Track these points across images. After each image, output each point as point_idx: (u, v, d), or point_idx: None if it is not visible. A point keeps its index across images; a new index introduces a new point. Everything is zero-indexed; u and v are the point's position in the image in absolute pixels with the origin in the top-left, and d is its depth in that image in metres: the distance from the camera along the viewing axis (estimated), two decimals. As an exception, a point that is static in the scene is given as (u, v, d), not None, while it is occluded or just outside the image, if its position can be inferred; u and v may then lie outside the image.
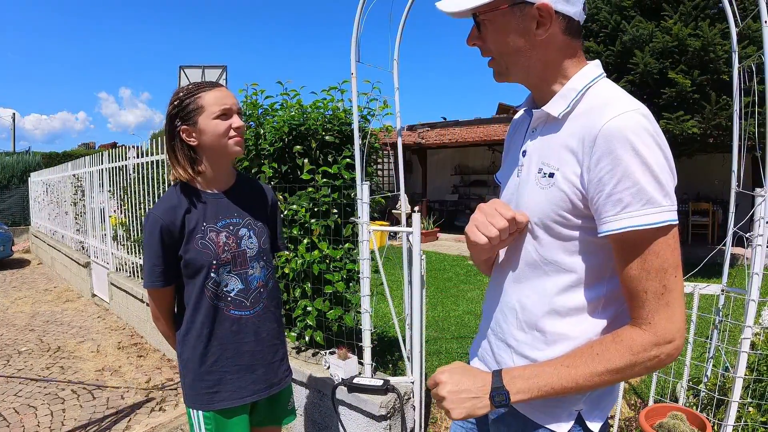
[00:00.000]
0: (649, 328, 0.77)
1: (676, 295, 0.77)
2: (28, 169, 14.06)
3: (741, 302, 2.01)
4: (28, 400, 3.26)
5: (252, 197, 1.52)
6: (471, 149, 13.06)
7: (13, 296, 6.48)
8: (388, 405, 2.20)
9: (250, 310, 1.45)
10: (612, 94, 0.83)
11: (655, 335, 0.76)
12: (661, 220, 0.75)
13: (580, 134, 0.81)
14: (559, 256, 0.86)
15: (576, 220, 0.83)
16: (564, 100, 0.85)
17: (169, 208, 1.36)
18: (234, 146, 1.38)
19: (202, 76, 5.73)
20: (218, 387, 1.42)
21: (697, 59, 5.84)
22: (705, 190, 10.40)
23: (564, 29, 0.85)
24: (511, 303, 0.94)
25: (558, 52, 0.86)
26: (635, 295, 0.78)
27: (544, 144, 0.89)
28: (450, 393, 0.83)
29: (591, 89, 0.85)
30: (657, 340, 0.76)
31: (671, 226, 0.76)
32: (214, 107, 1.33)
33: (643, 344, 0.77)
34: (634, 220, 0.75)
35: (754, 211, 1.85)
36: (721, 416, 2.01)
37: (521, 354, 0.92)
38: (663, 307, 0.76)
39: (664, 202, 0.75)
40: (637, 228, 0.75)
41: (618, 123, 0.76)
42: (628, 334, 0.78)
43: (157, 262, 1.36)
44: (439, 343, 4.14)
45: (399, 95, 2.50)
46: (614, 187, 0.76)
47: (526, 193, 0.90)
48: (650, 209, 0.74)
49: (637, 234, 0.76)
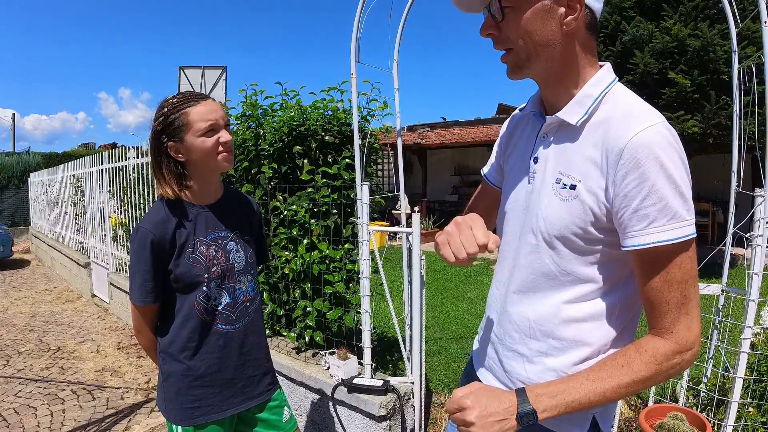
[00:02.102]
0: (671, 337, 0.78)
1: (695, 304, 0.79)
2: (28, 169, 14.04)
3: (741, 302, 2.01)
4: (27, 400, 3.26)
5: (239, 210, 1.51)
6: (471, 150, 13.05)
7: (13, 296, 6.48)
8: (387, 405, 2.19)
9: (236, 324, 1.43)
10: (632, 102, 0.82)
11: (677, 344, 0.78)
12: (684, 234, 0.76)
13: (604, 146, 0.79)
14: (577, 267, 0.86)
15: (598, 234, 0.82)
16: (581, 107, 0.83)
17: (159, 222, 1.33)
18: (223, 162, 1.36)
19: (202, 76, 5.73)
20: (201, 402, 1.40)
21: (696, 59, 5.84)
22: (705, 190, 10.39)
23: (588, 24, 0.82)
24: (524, 312, 0.92)
25: (580, 49, 0.83)
26: (657, 305, 0.79)
27: (560, 153, 0.87)
28: (478, 418, 0.79)
29: (607, 96, 0.83)
30: (679, 349, 0.78)
31: (693, 239, 0.78)
32: (200, 123, 1.30)
33: (666, 353, 0.78)
34: (660, 235, 0.76)
35: (753, 211, 1.85)
36: (721, 416, 2.01)
37: (536, 362, 0.91)
38: (684, 316, 0.78)
39: (687, 216, 0.76)
40: (663, 243, 0.76)
41: (645, 138, 0.75)
42: (651, 344, 0.79)
43: (148, 277, 1.33)
44: (439, 343, 4.14)
45: (399, 95, 2.50)
46: (641, 203, 0.76)
47: (542, 202, 0.88)
48: (675, 224, 0.76)
49: (661, 248, 0.77)
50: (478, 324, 1.12)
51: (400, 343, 2.40)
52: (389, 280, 2.46)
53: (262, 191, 2.82)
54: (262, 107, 3.00)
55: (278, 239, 2.79)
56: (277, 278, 2.82)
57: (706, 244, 9.23)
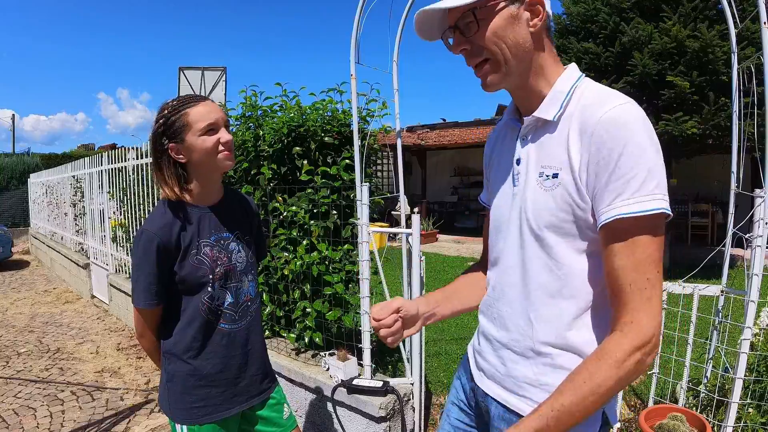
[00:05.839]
0: (632, 328, 0.77)
1: (657, 291, 0.78)
2: (27, 170, 14.04)
3: (740, 303, 2.01)
4: (27, 401, 3.25)
5: (240, 211, 1.53)
6: (470, 150, 13.06)
7: (13, 297, 6.47)
8: (387, 406, 2.19)
9: (238, 323, 1.45)
10: (600, 90, 0.86)
11: (637, 336, 0.77)
12: (650, 208, 0.75)
13: (579, 129, 0.82)
14: (570, 258, 0.86)
15: (586, 218, 0.83)
16: (555, 103, 0.87)
17: (164, 225, 1.34)
18: (224, 161, 1.37)
19: (202, 77, 5.73)
20: (205, 401, 1.41)
21: (696, 60, 5.84)
22: (704, 191, 10.41)
23: (547, 27, 0.89)
24: (525, 313, 0.92)
25: (546, 50, 0.89)
26: (620, 290, 0.79)
27: (540, 148, 0.89)
28: None
29: (577, 89, 0.87)
30: (639, 343, 0.77)
31: (661, 216, 0.77)
32: (200, 123, 1.32)
33: (627, 350, 0.76)
34: (624, 208, 0.76)
35: (753, 212, 1.86)
36: (721, 417, 2.01)
37: (544, 362, 0.90)
38: (646, 302, 0.77)
39: (655, 191, 0.76)
40: (627, 216, 0.75)
41: (613, 114, 0.78)
42: (611, 345, 0.78)
43: (153, 280, 1.34)
44: (438, 344, 4.14)
45: (399, 97, 2.50)
46: (609, 177, 0.77)
47: (528, 199, 0.89)
48: (639, 197, 0.75)
49: (625, 223, 0.76)
50: (477, 325, 1.12)
51: (399, 344, 2.40)
52: (389, 281, 2.46)
53: (261, 192, 2.82)
54: (261, 108, 3.00)
55: (278, 240, 2.79)
56: (277, 279, 2.81)
57: (706, 244, 9.23)
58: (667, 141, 6.13)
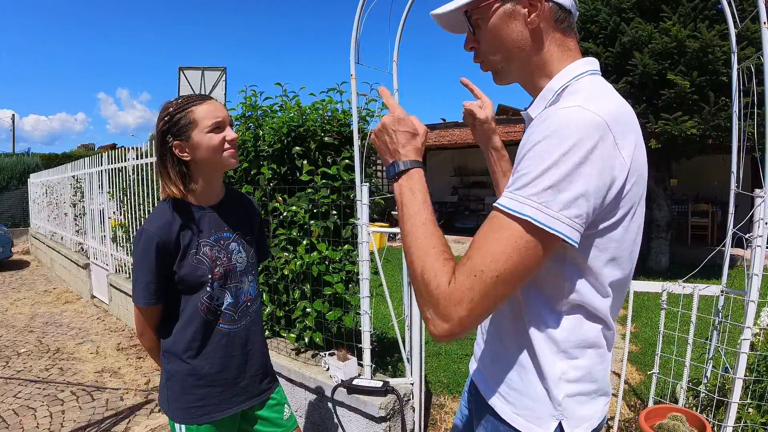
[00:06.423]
0: (450, 293, 0.73)
1: (481, 287, 0.71)
2: (27, 170, 14.04)
3: (740, 303, 2.01)
4: (27, 401, 3.25)
5: (241, 211, 1.53)
6: (470, 151, 13.06)
7: (13, 297, 6.47)
8: (387, 406, 2.19)
9: (238, 323, 1.45)
10: (585, 89, 0.79)
11: (446, 302, 0.72)
12: (522, 211, 0.69)
13: None
14: None
15: None
16: (543, 101, 0.84)
17: (164, 224, 1.34)
18: (229, 158, 1.38)
19: (202, 77, 5.72)
20: (204, 401, 1.41)
21: (696, 60, 5.84)
22: (704, 191, 10.41)
23: (557, 18, 0.83)
24: None
25: (549, 44, 0.84)
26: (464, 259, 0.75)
27: None
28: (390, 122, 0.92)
29: (569, 87, 0.81)
30: (441, 309, 0.73)
31: (530, 227, 0.69)
32: (206, 121, 1.32)
33: (437, 289, 0.74)
34: (502, 199, 0.73)
35: (753, 212, 1.86)
36: (721, 417, 2.01)
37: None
38: (467, 292, 0.71)
39: (545, 197, 0.68)
40: (499, 206, 0.73)
41: (558, 112, 0.72)
42: (448, 269, 0.75)
43: (152, 279, 1.34)
44: (438, 344, 4.14)
45: (399, 97, 2.50)
46: (516, 165, 0.75)
47: None
48: (519, 196, 0.70)
49: (495, 211, 0.73)
50: (476, 325, 1.14)
51: (399, 344, 2.40)
52: (389, 281, 2.46)
53: (261, 192, 2.82)
54: (261, 108, 3.00)
55: (278, 240, 2.79)
56: (277, 279, 2.81)
57: (706, 244, 9.24)
58: (667, 141, 6.14)
